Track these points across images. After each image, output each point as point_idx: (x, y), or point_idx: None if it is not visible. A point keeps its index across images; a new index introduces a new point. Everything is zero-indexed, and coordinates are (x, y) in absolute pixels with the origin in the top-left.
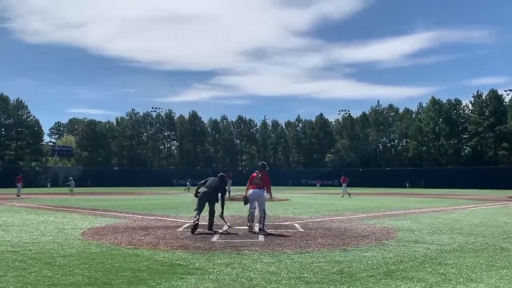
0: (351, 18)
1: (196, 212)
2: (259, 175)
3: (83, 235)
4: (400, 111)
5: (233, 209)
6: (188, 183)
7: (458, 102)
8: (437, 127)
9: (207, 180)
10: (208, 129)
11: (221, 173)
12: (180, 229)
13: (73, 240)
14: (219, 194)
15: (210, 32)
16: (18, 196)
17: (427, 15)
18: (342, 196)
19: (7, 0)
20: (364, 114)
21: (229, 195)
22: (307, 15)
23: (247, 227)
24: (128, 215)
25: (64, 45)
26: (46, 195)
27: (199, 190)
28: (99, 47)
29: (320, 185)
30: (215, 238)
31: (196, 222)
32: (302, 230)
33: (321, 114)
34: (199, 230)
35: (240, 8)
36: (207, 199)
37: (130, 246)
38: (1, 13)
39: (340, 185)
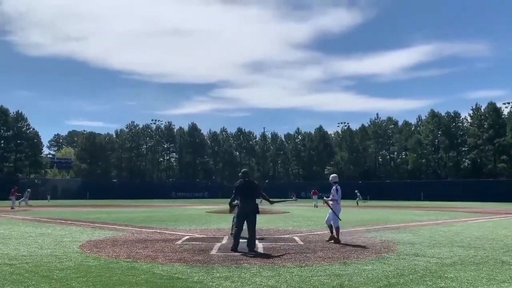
0: (350, 31)
1: (235, 230)
2: None
3: (81, 248)
4: (399, 123)
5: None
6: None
7: (457, 114)
8: (436, 140)
9: (240, 186)
10: (208, 141)
11: (243, 170)
12: (179, 242)
13: (71, 253)
14: (258, 201)
15: (210, 45)
16: (12, 208)
17: (426, 29)
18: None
19: (9, 13)
20: (363, 127)
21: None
22: (307, 28)
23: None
24: (126, 227)
25: (64, 58)
26: (45, 207)
27: (234, 203)
28: (99, 60)
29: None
30: (214, 251)
31: (236, 241)
32: (302, 243)
33: (321, 127)
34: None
35: (240, 22)
36: (245, 215)
37: (128, 259)
38: (2, 26)
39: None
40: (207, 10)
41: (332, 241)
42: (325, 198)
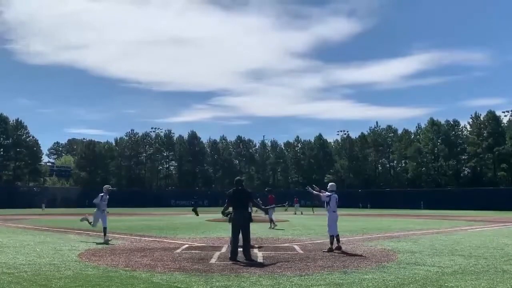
0: (349, 40)
1: (233, 240)
2: None
3: (80, 256)
4: (399, 132)
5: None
6: None
7: (456, 123)
8: (436, 148)
9: (231, 194)
10: (207, 149)
11: (237, 178)
12: (178, 250)
13: (70, 262)
14: (251, 209)
15: (209, 54)
16: None
17: (425, 37)
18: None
19: (10, 22)
20: (363, 135)
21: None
22: (306, 37)
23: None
24: (125, 236)
25: (65, 67)
26: (39, 216)
27: (229, 211)
28: (99, 69)
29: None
30: (213, 260)
31: (233, 251)
32: (302, 252)
33: (320, 135)
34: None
35: (239, 30)
36: (240, 224)
37: (127, 268)
38: (3, 35)
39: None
40: (207, 19)
41: (336, 251)
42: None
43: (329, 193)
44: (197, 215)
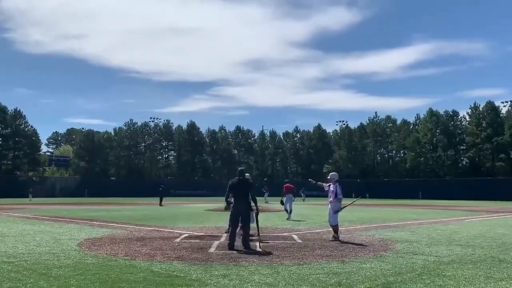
0: (349, 30)
1: (231, 229)
2: None
3: (79, 246)
4: (398, 122)
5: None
6: None
7: (455, 113)
8: (435, 139)
9: (234, 184)
10: (206, 139)
11: (240, 168)
12: (178, 240)
13: (69, 251)
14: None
15: (209, 43)
16: None
17: (425, 28)
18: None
19: (9, 11)
20: (362, 125)
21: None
22: (306, 27)
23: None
24: (125, 225)
25: (64, 56)
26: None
27: (229, 200)
28: (99, 58)
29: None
30: (212, 249)
31: (231, 240)
32: (300, 241)
33: (319, 125)
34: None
35: (239, 20)
36: (239, 214)
37: (126, 257)
38: (2, 24)
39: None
40: (206, 8)
41: (334, 240)
42: (319, 183)
43: (332, 184)
44: (160, 205)
